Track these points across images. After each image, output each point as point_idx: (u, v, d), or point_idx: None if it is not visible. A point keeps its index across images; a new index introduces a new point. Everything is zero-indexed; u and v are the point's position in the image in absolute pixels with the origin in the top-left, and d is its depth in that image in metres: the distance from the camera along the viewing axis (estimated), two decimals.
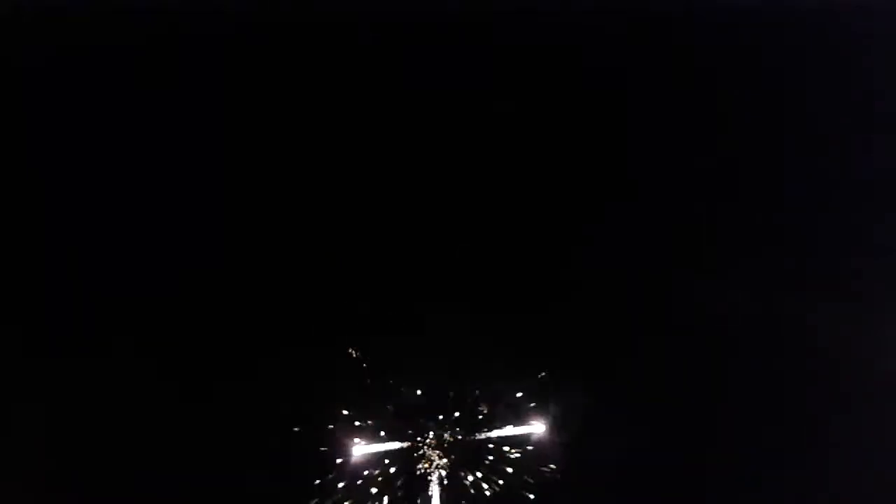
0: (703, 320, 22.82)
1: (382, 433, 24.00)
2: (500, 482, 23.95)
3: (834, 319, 21.68)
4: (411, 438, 24.19)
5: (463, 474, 24.18)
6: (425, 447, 24.19)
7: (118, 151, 24.70)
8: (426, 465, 24.13)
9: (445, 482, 24.12)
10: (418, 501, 24.02)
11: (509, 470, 23.96)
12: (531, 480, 23.88)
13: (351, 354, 24.40)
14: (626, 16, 24.02)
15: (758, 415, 21.99)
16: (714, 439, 22.07)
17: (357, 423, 24.00)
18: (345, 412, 24.08)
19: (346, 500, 23.61)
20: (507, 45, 24.70)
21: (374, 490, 23.74)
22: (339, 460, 23.64)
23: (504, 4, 24.10)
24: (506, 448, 24.18)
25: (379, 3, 24.28)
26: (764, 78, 24.80)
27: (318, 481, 23.42)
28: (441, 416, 24.12)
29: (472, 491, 24.05)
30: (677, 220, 24.31)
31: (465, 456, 24.28)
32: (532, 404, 24.22)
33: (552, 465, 23.84)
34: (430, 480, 24.09)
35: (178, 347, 23.63)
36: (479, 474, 24.12)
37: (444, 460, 24.16)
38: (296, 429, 23.33)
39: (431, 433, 24.22)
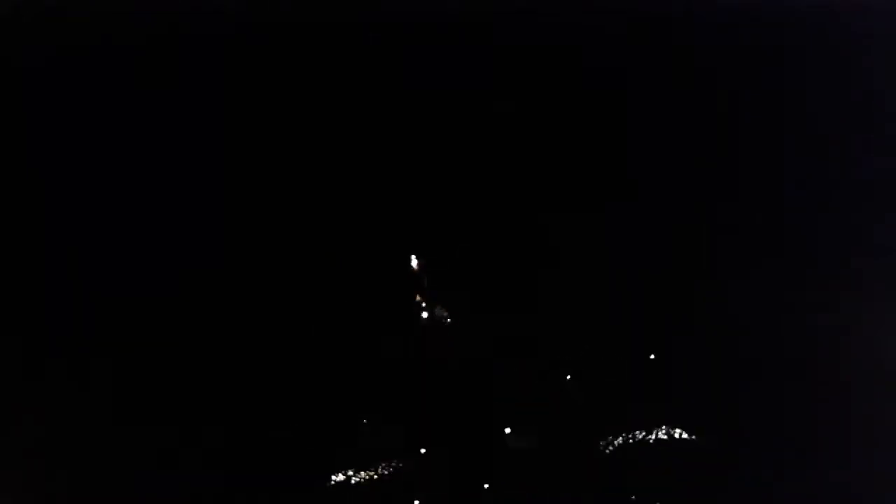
0: (702, 320, 22.95)
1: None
2: None
3: (834, 319, 21.81)
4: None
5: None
6: None
7: (118, 151, 24.73)
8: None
9: None
10: None
11: None
12: None
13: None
14: (626, 16, 24.14)
15: (757, 414, 22.09)
16: (713, 439, 22.16)
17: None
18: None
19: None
20: (507, 45, 24.79)
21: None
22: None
23: (504, 4, 24.20)
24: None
25: (379, 3, 24.38)
26: (764, 78, 24.89)
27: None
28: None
29: None
30: (677, 220, 24.39)
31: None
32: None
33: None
34: None
35: (177, 347, 23.69)
36: None
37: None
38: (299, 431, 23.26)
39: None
